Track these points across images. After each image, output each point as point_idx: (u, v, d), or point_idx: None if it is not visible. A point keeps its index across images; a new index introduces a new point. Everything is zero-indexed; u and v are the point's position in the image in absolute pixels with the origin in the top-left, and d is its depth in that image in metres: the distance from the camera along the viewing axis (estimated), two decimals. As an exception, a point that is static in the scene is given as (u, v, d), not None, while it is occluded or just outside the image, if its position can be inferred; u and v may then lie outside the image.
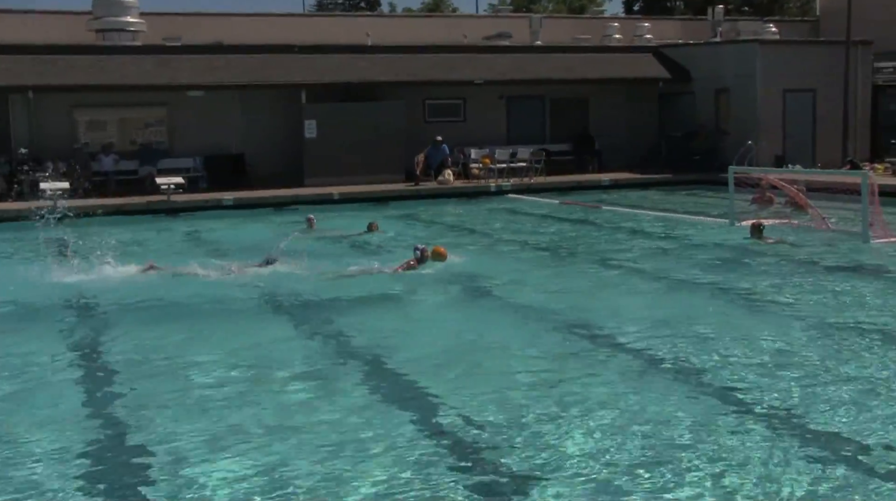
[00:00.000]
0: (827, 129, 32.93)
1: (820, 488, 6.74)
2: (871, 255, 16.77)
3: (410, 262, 15.78)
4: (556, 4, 69.65)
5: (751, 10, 59.50)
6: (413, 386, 9.38)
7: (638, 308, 12.80)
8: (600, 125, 35.37)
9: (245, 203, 26.92)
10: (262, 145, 31.11)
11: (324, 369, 10.11)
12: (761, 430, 7.86)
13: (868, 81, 34.25)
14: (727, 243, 18.63)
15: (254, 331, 11.90)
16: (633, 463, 7.22)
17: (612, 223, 22.76)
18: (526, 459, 7.37)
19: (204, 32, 33.29)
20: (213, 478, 7.16)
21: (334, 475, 7.17)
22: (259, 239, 20.56)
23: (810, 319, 11.87)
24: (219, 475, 7.22)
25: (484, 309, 13.33)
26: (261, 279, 15.23)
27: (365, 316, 12.75)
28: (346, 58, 32.12)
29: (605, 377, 9.54)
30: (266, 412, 8.63)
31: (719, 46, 35.74)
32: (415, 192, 29.53)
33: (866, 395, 8.71)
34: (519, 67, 33.92)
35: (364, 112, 31.00)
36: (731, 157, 29.19)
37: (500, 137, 34.13)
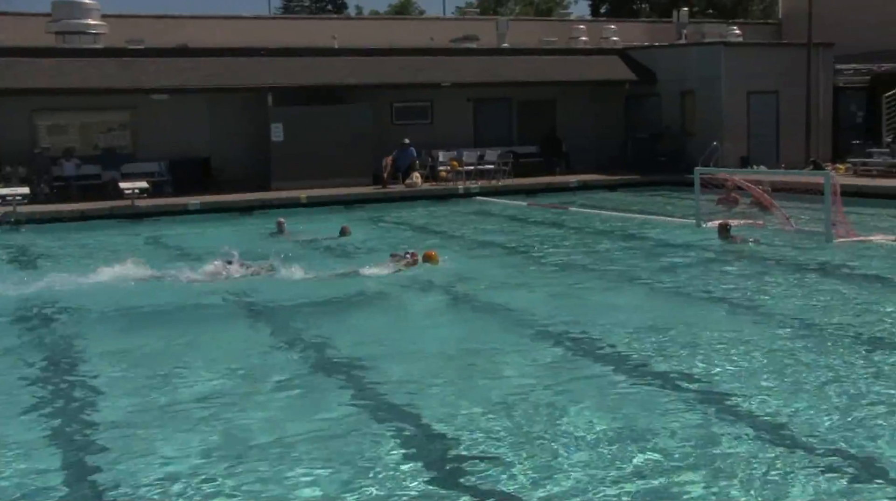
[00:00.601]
0: (790, 130, 33.20)
1: (792, 487, 6.77)
2: (835, 254, 16.90)
3: (400, 265, 15.81)
4: (523, 7, 69.76)
5: (715, 12, 59.83)
6: (395, 392, 9.33)
7: (605, 309, 12.86)
8: (567, 127, 35.49)
9: (211, 208, 26.76)
10: (229, 149, 30.96)
11: (306, 374, 10.04)
12: (726, 425, 7.89)
13: (829, 83, 34.52)
14: (694, 243, 18.73)
15: (237, 336, 11.88)
16: (610, 464, 7.24)
17: (580, 225, 22.83)
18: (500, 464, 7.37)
19: (168, 35, 33.07)
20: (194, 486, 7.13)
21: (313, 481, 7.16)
22: (227, 244, 20.51)
23: (777, 317, 11.94)
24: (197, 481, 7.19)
25: (456, 312, 13.34)
26: (237, 285, 15.18)
27: (355, 319, 12.72)
28: (312, 61, 32.04)
29: (573, 376, 9.55)
30: (249, 420, 8.56)
31: (684, 49, 35.94)
32: (383, 195, 29.48)
33: (830, 390, 8.77)
34: (486, 70, 33.96)
35: (331, 115, 30.91)
36: (696, 158, 29.32)
37: (467, 139, 34.18)
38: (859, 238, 18.08)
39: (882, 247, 17.42)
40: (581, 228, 22.26)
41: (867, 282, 14.36)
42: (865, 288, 13.89)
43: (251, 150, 30.85)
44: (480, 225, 23.71)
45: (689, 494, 6.66)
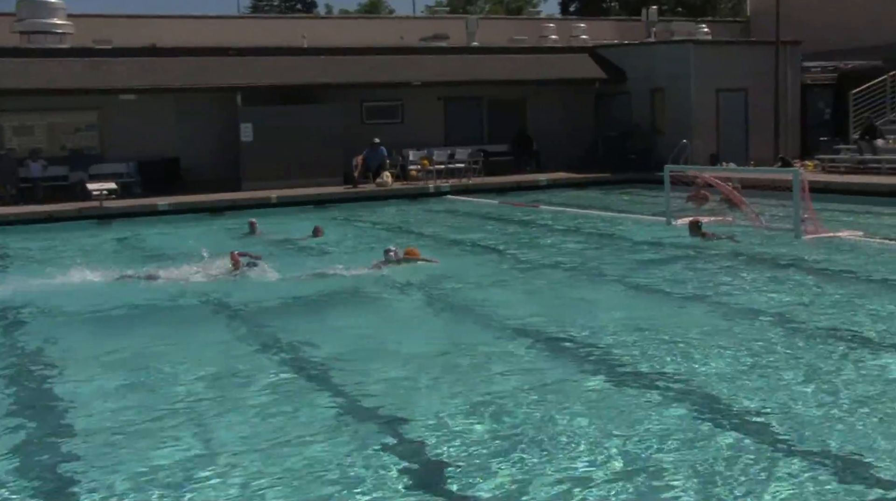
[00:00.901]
0: (759, 127, 33.37)
1: (771, 484, 6.78)
2: (804, 249, 16.98)
3: (379, 263, 15.80)
4: (493, 5, 69.83)
5: (684, 10, 60.12)
6: (374, 394, 9.29)
7: (577, 306, 12.88)
8: (538, 125, 35.53)
9: (181, 208, 26.62)
10: (198, 149, 30.82)
11: (283, 376, 9.96)
12: (700, 422, 7.91)
13: (797, 80, 34.72)
14: (664, 240, 18.77)
15: (212, 338, 11.80)
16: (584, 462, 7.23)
17: (551, 223, 22.85)
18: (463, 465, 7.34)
19: (136, 35, 32.91)
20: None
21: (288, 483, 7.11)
22: (198, 245, 20.42)
23: (747, 314, 11.98)
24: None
25: (432, 312, 13.32)
26: (214, 285, 15.12)
27: (333, 320, 12.66)
28: (282, 60, 31.95)
29: (548, 375, 9.54)
30: (224, 423, 8.49)
31: (654, 47, 36.06)
32: (353, 195, 29.42)
33: (804, 386, 8.80)
34: (456, 69, 33.96)
35: (301, 115, 30.82)
36: (666, 156, 29.44)
37: (438, 138, 34.18)
38: (828, 234, 18.18)
39: (850, 243, 17.51)
40: (552, 226, 22.27)
41: (836, 278, 14.44)
42: (835, 284, 13.96)
43: (221, 150, 30.72)
44: (452, 224, 23.69)
45: (673, 494, 6.65)
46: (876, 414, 8.02)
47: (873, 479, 6.73)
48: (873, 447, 7.29)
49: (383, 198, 29.14)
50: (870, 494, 6.50)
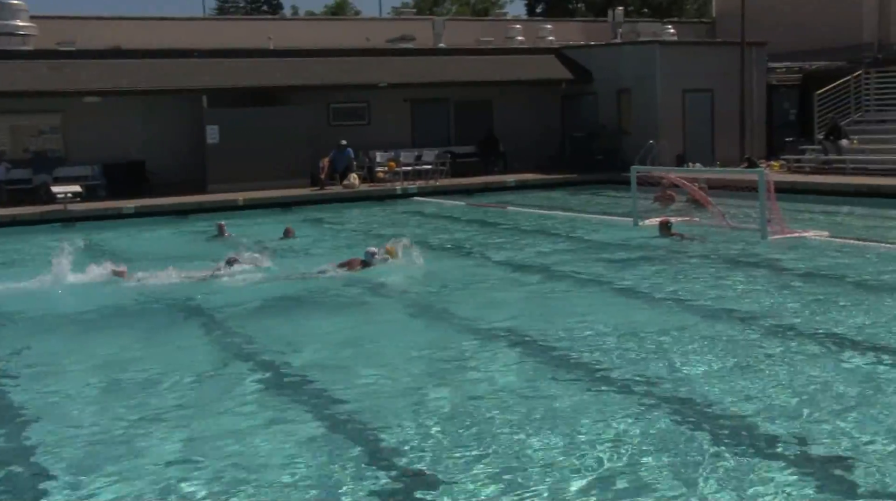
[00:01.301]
0: (725, 128, 33.53)
1: (730, 479, 6.78)
2: (770, 250, 17.07)
3: (358, 263, 15.80)
4: (460, 7, 69.84)
5: (650, 11, 60.35)
6: (350, 399, 9.24)
7: (546, 308, 12.86)
8: (505, 127, 35.54)
9: (147, 211, 26.45)
10: (164, 152, 30.64)
11: (257, 380, 9.90)
12: (666, 422, 7.90)
13: (763, 81, 34.92)
14: (632, 241, 18.82)
15: (183, 342, 11.73)
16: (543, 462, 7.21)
17: (519, 224, 22.86)
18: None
19: (100, 37, 32.67)
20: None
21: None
22: (164, 247, 20.32)
23: (712, 313, 12.02)
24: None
25: (404, 314, 13.28)
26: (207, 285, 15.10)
27: (309, 323, 12.58)
28: (248, 62, 31.82)
29: (517, 376, 9.52)
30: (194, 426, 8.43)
31: (620, 48, 36.16)
32: (320, 196, 29.33)
33: (769, 383, 8.82)
34: (423, 70, 33.93)
35: (267, 117, 30.68)
36: (633, 156, 29.56)
37: (405, 140, 34.13)
38: (793, 234, 18.28)
39: (816, 243, 17.61)
40: (520, 227, 22.28)
41: (802, 278, 14.50)
42: (800, 284, 14.01)
43: (187, 152, 30.56)
44: (419, 226, 23.65)
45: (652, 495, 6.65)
46: (849, 412, 8.06)
47: (848, 482, 6.76)
48: (847, 443, 7.32)
49: (350, 200, 29.07)
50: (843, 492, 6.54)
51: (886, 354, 9.88)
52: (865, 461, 7.03)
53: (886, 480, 6.70)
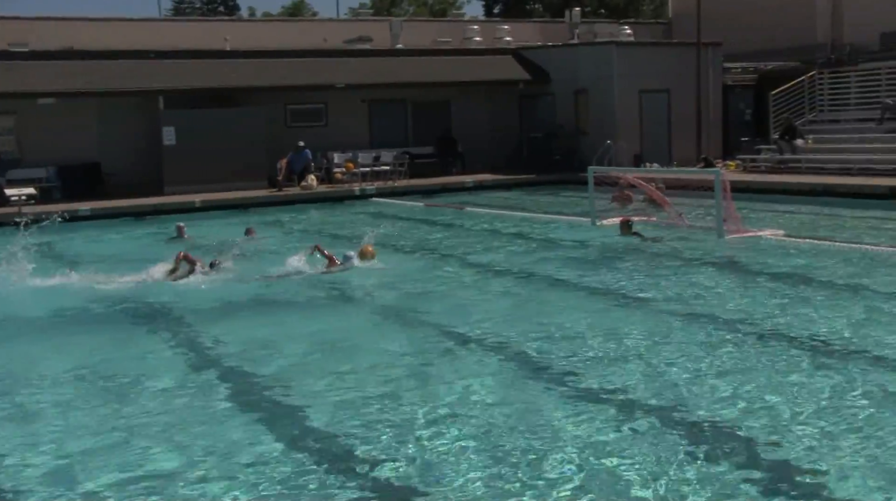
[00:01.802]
0: (682, 128, 33.73)
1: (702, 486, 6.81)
2: (726, 249, 17.19)
3: (334, 264, 15.82)
4: (417, 8, 69.81)
5: (607, 12, 60.60)
6: (304, 403, 9.19)
7: (504, 307, 12.88)
8: (463, 127, 35.57)
9: (103, 214, 26.22)
10: (120, 153, 30.42)
11: (218, 384, 9.85)
12: (616, 419, 7.94)
13: (719, 82, 35.17)
14: (590, 240, 18.90)
15: (138, 342, 11.58)
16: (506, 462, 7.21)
17: (477, 224, 22.88)
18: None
19: (53, 38, 32.31)
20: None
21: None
22: (123, 250, 20.16)
23: (668, 312, 12.08)
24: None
25: (362, 316, 13.25)
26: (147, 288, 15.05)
27: (271, 325, 12.49)
28: (204, 63, 31.63)
29: (473, 377, 9.52)
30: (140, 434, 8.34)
31: (577, 48, 36.27)
32: (278, 198, 29.23)
33: (726, 383, 8.88)
34: (380, 71, 33.89)
35: (224, 118, 30.53)
36: (590, 156, 29.68)
37: (362, 141, 34.07)
38: (749, 233, 18.41)
39: (771, 242, 17.75)
40: (478, 228, 22.30)
41: (758, 276, 14.60)
42: (756, 282, 14.12)
43: (143, 154, 30.37)
44: (378, 227, 23.56)
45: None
46: (802, 408, 8.12)
47: (808, 483, 6.81)
48: (803, 444, 7.38)
49: (308, 201, 28.99)
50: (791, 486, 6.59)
51: (838, 350, 9.98)
52: (826, 461, 7.10)
53: (819, 464, 6.77)
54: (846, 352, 9.96)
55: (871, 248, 16.55)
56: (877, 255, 15.96)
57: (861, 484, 6.61)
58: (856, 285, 13.47)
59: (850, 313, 11.76)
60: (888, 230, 19.18)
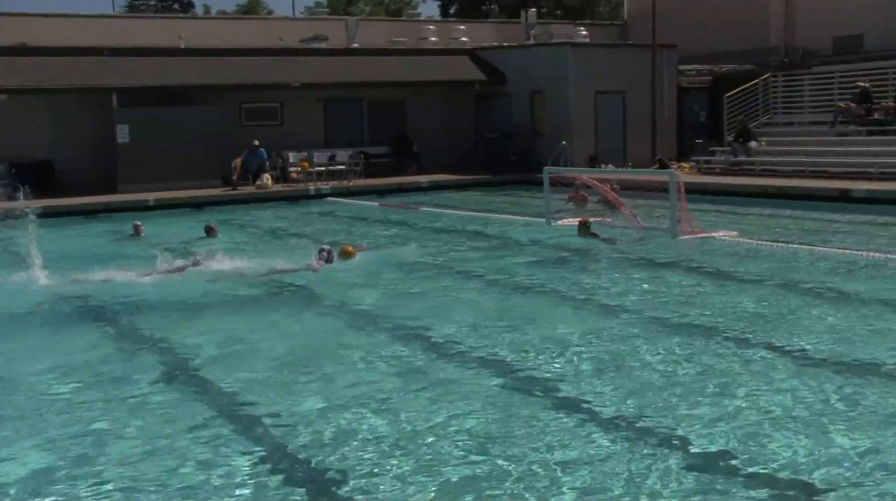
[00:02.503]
0: (637, 129, 33.94)
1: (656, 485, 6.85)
2: (680, 250, 17.32)
3: (313, 263, 15.78)
4: (374, 7, 69.71)
5: (563, 13, 60.83)
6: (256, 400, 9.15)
7: (458, 308, 12.88)
8: (418, 127, 35.60)
9: (54, 212, 25.94)
10: (73, 151, 30.18)
11: (167, 382, 9.76)
12: (573, 422, 7.97)
13: (674, 83, 35.43)
14: (544, 241, 18.96)
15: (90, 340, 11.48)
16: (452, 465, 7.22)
17: (432, 224, 22.89)
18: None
19: (5, 34, 31.96)
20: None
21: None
22: (78, 248, 19.98)
23: (619, 312, 12.14)
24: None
25: (315, 314, 13.20)
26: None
27: (222, 323, 12.43)
28: (159, 61, 31.43)
29: (430, 379, 9.52)
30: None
31: (533, 49, 36.39)
32: (232, 197, 29.10)
33: (676, 384, 8.93)
34: (336, 70, 33.83)
35: (179, 116, 30.37)
36: (546, 157, 29.79)
37: (318, 140, 33.99)
38: (703, 234, 18.56)
39: (725, 242, 17.89)
40: (433, 227, 22.31)
41: (711, 277, 14.72)
42: (709, 283, 14.23)
43: (97, 152, 30.16)
44: (332, 226, 23.56)
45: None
46: (751, 408, 8.19)
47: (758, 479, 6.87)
48: (751, 442, 7.45)
49: (263, 200, 28.90)
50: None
51: (788, 350, 10.07)
52: (777, 460, 7.16)
53: (769, 461, 6.84)
54: (796, 352, 10.05)
55: (821, 249, 16.73)
56: (826, 256, 16.13)
57: (812, 477, 6.67)
58: (806, 285, 13.61)
59: (800, 313, 11.87)
60: (839, 233, 19.41)
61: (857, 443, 7.32)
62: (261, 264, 16.02)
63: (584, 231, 18.66)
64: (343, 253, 16.48)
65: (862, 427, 7.65)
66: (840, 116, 29.63)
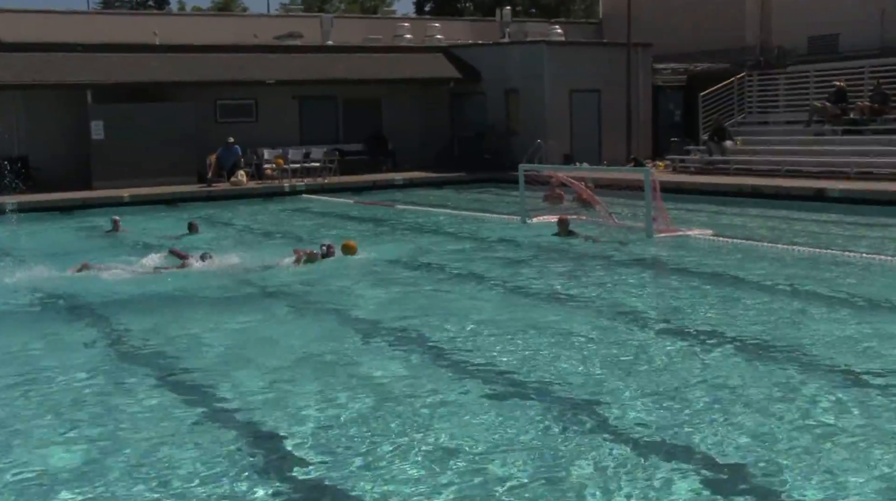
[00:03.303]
0: (612, 128, 34.01)
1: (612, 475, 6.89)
2: (655, 248, 17.41)
3: (312, 252, 15.97)
4: (349, 4, 69.59)
5: (538, 11, 60.90)
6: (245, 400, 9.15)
7: (434, 306, 12.91)
8: (393, 125, 35.59)
9: (29, 208, 25.78)
10: (48, 147, 30.03)
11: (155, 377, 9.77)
12: (551, 421, 8.01)
13: (649, 82, 35.52)
14: (519, 239, 19.01)
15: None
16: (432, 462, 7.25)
17: (407, 222, 22.89)
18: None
19: (-20, 29, 31.78)
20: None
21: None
22: (57, 243, 19.93)
23: (594, 310, 12.23)
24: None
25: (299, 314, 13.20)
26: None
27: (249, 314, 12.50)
28: (133, 57, 31.27)
29: (410, 379, 9.55)
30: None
31: (508, 47, 36.40)
32: (207, 194, 29.04)
33: (654, 381, 8.99)
34: (311, 67, 33.76)
35: (154, 113, 30.27)
36: (521, 156, 29.80)
37: (293, 137, 33.91)
38: (678, 233, 18.65)
39: (699, 241, 18.00)
40: (407, 225, 22.31)
41: (685, 275, 14.81)
42: (683, 281, 14.32)
43: (71, 148, 30.00)
44: (306, 224, 23.52)
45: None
46: (728, 407, 8.26)
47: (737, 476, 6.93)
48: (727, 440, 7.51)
49: (238, 197, 28.85)
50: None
51: (759, 348, 10.16)
52: (752, 456, 7.23)
53: (746, 457, 6.91)
54: (768, 349, 10.13)
55: (795, 248, 16.85)
56: (800, 255, 16.25)
57: (794, 480, 6.74)
58: (780, 284, 13.71)
59: (774, 311, 11.97)
60: (812, 232, 19.54)
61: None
62: (249, 260, 16.15)
63: (563, 229, 18.71)
64: (345, 248, 16.53)
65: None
66: (815, 115, 29.78)
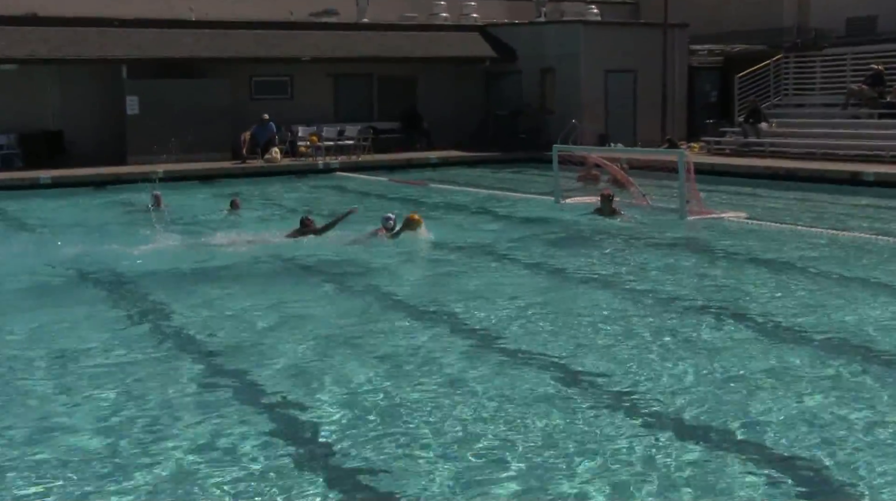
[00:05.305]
0: (647, 108, 33.80)
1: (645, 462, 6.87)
2: (688, 230, 17.32)
3: (378, 231, 16.03)
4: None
5: (574, -9, 60.39)
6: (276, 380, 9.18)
7: (467, 285, 12.90)
8: (428, 103, 35.49)
9: (64, 182, 26.03)
10: (83, 122, 30.16)
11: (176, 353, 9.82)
12: (581, 401, 7.98)
13: (685, 63, 35.25)
14: (553, 219, 18.97)
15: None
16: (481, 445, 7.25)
17: (441, 200, 22.86)
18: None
19: (16, 3, 31.88)
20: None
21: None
22: (86, 218, 20.07)
23: (633, 290, 12.17)
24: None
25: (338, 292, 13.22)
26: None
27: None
28: (169, 33, 31.34)
29: (445, 358, 9.55)
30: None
31: (544, 26, 36.22)
32: (241, 170, 29.12)
33: (685, 363, 8.94)
34: (346, 45, 33.72)
35: (189, 89, 30.35)
36: (555, 135, 29.62)
37: (327, 114, 33.92)
38: (711, 215, 18.52)
39: (733, 224, 17.87)
40: (441, 204, 22.28)
41: (718, 258, 14.72)
42: (716, 264, 14.24)
43: (106, 123, 30.12)
44: (341, 201, 23.53)
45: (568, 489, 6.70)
46: (760, 391, 8.20)
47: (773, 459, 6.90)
48: (763, 421, 7.46)
49: (272, 174, 28.90)
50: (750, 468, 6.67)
51: (794, 332, 10.09)
52: (782, 442, 7.18)
53: (778, 445, 6.86)
54: (800, 333, 10.07)
55: (830, 232, 16.70)
56: (834, 239, 16.12)
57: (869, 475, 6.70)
58: (813, 267, 13.61)
59: (807, 294, 11.90)
60: (848, 215, 19.34)
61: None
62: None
63: (608, 206, 18.55)
64: (409, 222, 16.33)
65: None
66: (852, 98, 29.48)
